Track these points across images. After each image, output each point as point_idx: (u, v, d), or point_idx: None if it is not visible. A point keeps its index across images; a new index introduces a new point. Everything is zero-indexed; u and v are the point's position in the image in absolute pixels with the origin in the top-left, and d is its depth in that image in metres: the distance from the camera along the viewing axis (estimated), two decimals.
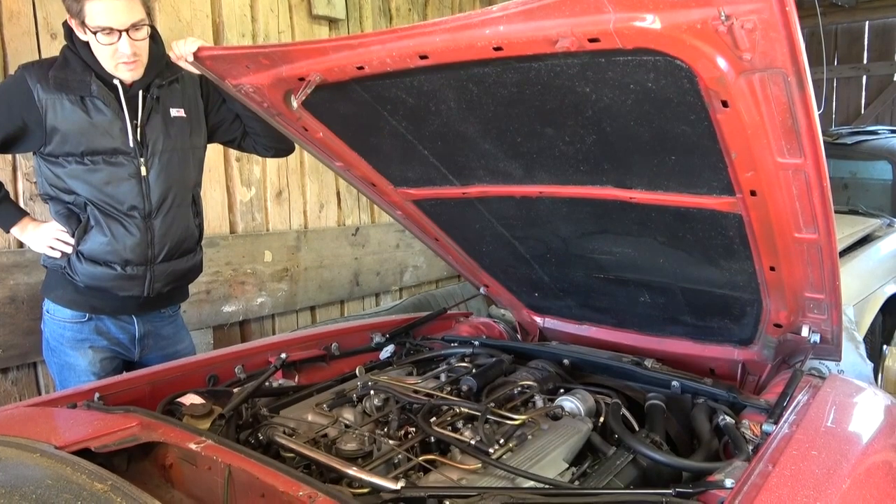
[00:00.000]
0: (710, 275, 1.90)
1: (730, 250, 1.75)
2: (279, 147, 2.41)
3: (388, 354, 2.35)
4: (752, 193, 1.48)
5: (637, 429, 1.74)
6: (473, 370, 2.00)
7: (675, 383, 1.89)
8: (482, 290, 2.66)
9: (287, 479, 1.24)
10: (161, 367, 2.00)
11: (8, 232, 2.23)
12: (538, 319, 2.66)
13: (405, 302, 4.11)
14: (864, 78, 8.28)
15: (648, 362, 2.06)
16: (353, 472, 1.36)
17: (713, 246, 1.77)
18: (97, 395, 1.74)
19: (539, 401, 1.81)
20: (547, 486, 1.35)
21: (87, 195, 2.10)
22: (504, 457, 1.48)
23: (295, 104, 1.80)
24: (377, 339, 2.41)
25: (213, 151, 3.19)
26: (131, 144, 2.10)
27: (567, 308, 2.51)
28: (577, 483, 1.44)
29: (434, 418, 1.69)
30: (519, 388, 1.86)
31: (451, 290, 4.32)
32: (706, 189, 1.58)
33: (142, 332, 2.29)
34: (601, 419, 1.75)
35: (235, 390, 1.87)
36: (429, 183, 2.07)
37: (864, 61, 8.26)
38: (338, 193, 4.14)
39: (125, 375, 1.95)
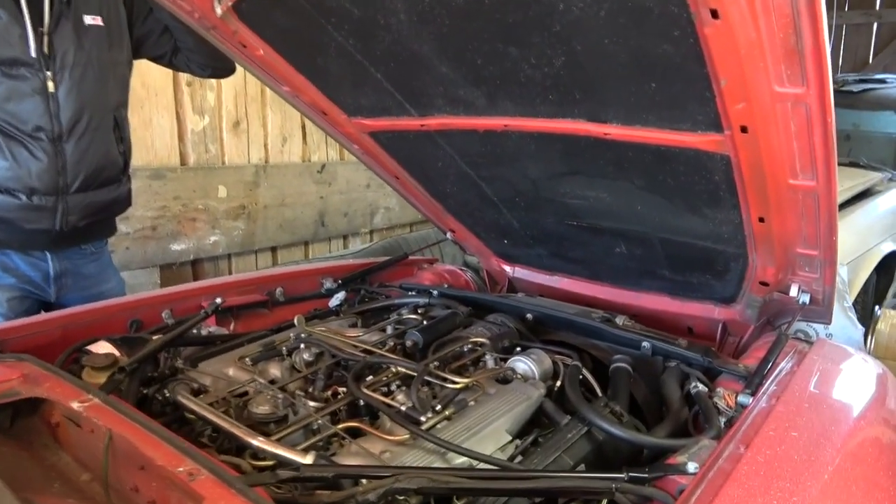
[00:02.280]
0: (691, 225, 1.71)
1: (715, 197, 1.55)
2: (216, 66, 2.16)
3: (338, 302, 2.15)
4: (743, 130, 1.27)
5: (600, 394, 1.55)
6: (424, 323, 1.80)
7: (645, 344, 1.70)
8: (449, 235, 2.48)
9: (169, 450, 1.05)
10: (76, 310, 1.78)
11: None
12: (508, 269, 2.49)
13: (375, 245, 3.91)
14: (875, 25, 7.88)
15: (620, 319, 1.89)
16: (257, 442, 1.16)
17: (696, 192, 1.57)
18: None
19: (490, 361, 1.59)
20: (482, 466, 1.16)
21: None
22: (439, 426, 1.28)
23: (220, 10, 1.58)
24: (328, 284, 2.21)
25: (161, 73, 2.93)
26: (33, 54, 1.84)
27: (538, 257, 2.34)
28: (518, 459, 1.24)
29: (371, 377, 1.49)
30: (469, 346, 1.65)
31: (424, 235, 4.09)
32: (690, 124, 1.37)
33: (57, 270, 2.07)
34: (558, 383, 1.56)
35: (155, 337, 1.67)
36: (384, 112, 1.87)
37: (877, 6, 7.86)
38: (303, 127, 3.87)
39: (31, 318, 1.74)
